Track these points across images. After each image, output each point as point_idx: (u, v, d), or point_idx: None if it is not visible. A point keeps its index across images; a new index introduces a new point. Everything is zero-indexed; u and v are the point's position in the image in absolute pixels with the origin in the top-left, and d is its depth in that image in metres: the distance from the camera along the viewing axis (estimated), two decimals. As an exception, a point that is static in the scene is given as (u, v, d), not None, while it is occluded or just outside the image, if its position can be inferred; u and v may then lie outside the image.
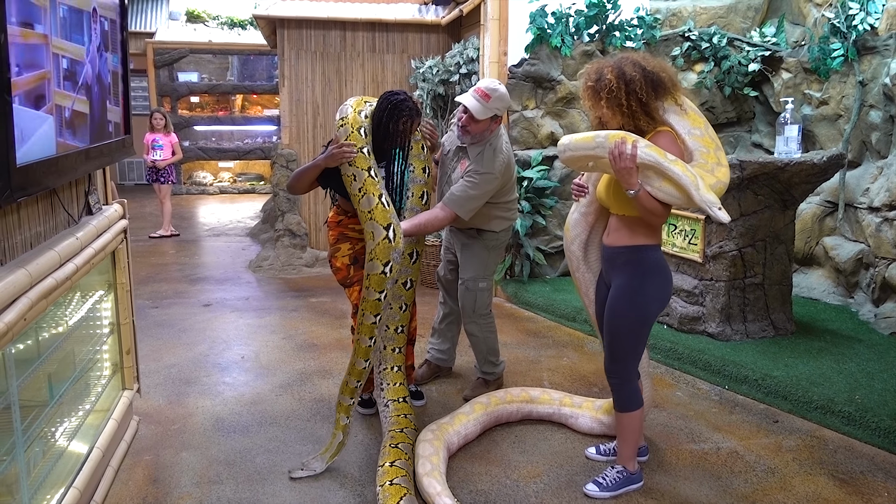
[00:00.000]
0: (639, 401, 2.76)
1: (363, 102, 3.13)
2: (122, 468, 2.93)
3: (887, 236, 4.34)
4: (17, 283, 1.94)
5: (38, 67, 2.02)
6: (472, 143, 3.29)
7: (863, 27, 4.54)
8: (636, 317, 2.65)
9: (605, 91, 2.53)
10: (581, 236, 2.93)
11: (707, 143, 2.60)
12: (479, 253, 3.51)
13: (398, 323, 3.24)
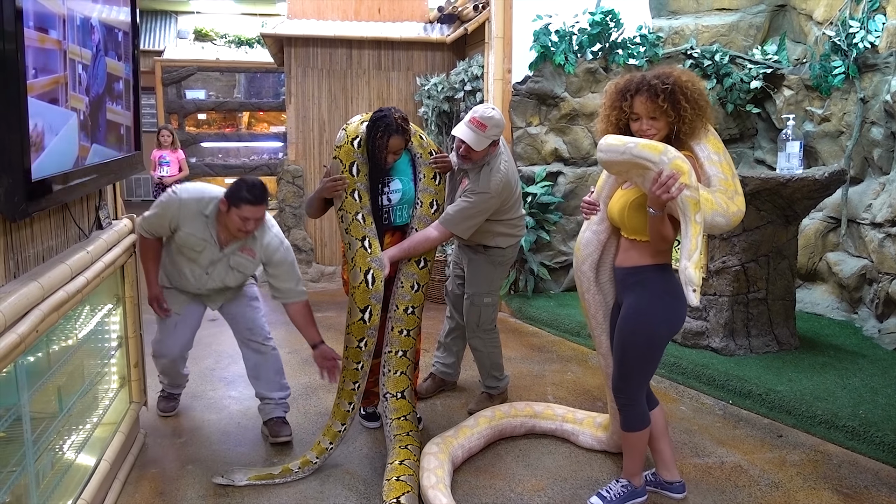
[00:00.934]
0: (645, 421, 2.71)
1: (361, 125, 3.14)
2: (128, 481, 2.95)
3: (890, 252, 4.36)
4: (30, 296, 1.98)
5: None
6: (466, 167, 3.36)
7: (863, 45, 4.58)
8: (643, 337, 2.58)
9: (682, 94, 2.42)
10: (593, 256, 2.81)
11: (725, 169, 2.58)
12: (485, 268, 3.52)
13: (408, 303, 3.20)
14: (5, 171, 1.82)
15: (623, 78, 2.57)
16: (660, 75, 2.47)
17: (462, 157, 3.30)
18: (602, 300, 2.85)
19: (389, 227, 3.21)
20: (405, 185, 3.19)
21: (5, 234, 2.00)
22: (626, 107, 2.49)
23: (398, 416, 3.11)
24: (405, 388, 3.18)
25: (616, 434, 3.11)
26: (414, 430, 3.08)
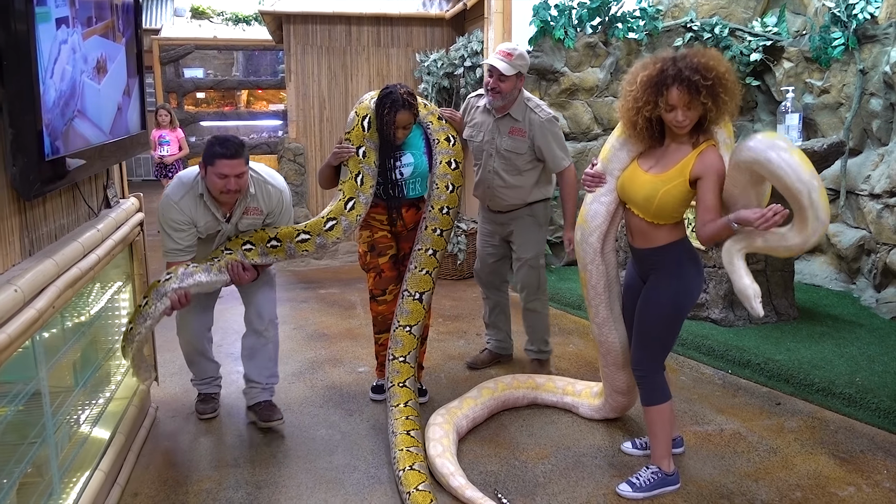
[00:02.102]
0: (665, 394, 2.71)
1: (371, 101, 3.24)
2: (142, 453, 3.02)
3: (888, 222, 4.41)
4: (46, 273, 2.03)
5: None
6: (506, 106, 3.46)
7: (863, 16, 4.59)
8: (672, 311, 2.64)
9: (721, 87, 2.38)
10: (601, 227, 2.81)
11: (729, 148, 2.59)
12: (534, 231, 3.64)
13: (423, 265, 3.28)
14: (20, 151, 1.86)
15: (653, 66, 2.47)
16: (698, 68, 2.38)
17: (492, 91, 3.41)
18: (604, 271, 2.89)
19: (404, 200, 3.28)
20: (417, 159, 3.25)
21: (20, 213, 2.04)
22: (662, 102, 2.43)
23: (400, 381, 3.19)
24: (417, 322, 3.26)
25: (610, 398, 3.16)
26: (413, 400, 3.16)
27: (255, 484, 2.80)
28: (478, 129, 3.59)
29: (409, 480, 2.63)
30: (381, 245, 3.36)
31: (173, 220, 2.94)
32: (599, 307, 2.95)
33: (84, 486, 2.42)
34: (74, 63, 2.17)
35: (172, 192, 2.94)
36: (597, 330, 3.01)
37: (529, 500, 2.66)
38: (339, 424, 3.29)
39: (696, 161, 2.48)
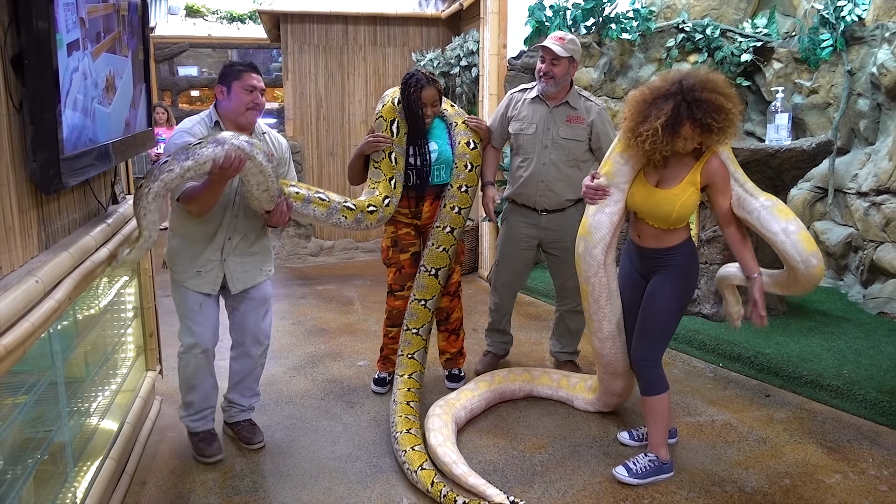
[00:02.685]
0: (664, 385, 2.80)
1: (397, 92, 3.36)
2: (148, 444, 3.09)
3: (875, 220, 4.51)
4: (63, 265, 2.09)
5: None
6: (559, 93, 3.44)
7: (851, 18, 4.69)
8: (677, 306, 2.78)
9: (730, 125, 2.52)
10: (605, 239, 2.86)
11: (728, 149, 2.72)
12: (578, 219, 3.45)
13: (440, 242, 3.37)
14: (41, 147, 1.92)
15: (663, 108, 2.50)
16: (708, 109, 2.46)
17: (545, 76, 3.39)
18: (606, 283, 2.92)
19: (429, 185, 3.37)
20: (441, 146, 3.37)
21: (37, 207, 2.11)
22: (679, 140, 2.53)
23: (409, 353, 3.41)
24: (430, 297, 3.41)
25: (604, 397, 3.26)
26: (418, 373, 3.38)
27: (259, 473, 2.87)
28: (528, 122, 3.49)
29: (405, 441, 2.89)
30: (403, 242, 3.47)
31: (184, 141, 2.61)
32: (602, 322, 2.97)
33: (96, 474, 2.49)
34: (86, 91, 2.21)
35: (182, 125, 2.77)
36: (598, 344, 3.03)
37: (528, 488, 2.74)
38: (341, 416, 3.37)
39: (703, 171, 2.65)
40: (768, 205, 2.60)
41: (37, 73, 1.88)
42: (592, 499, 2.68)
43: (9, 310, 1.70)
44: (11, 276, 1.87)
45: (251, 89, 2.75)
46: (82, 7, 2.15)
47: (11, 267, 1.91)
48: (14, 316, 1.73)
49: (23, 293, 1.79)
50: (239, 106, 2.76)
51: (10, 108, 1.91)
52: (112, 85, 2.50)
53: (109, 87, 2.48)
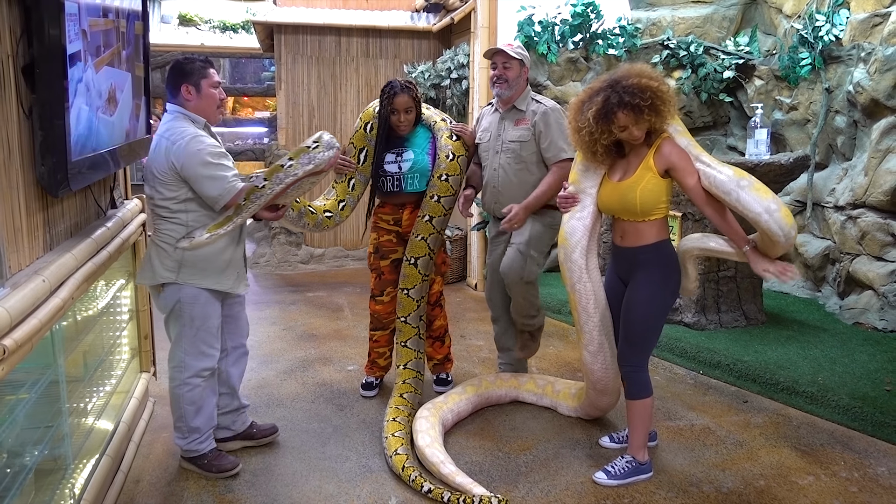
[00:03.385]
0: (648, 389, 2.88)
1: (374, 110, 3.53)
2: (142, 443, 3.16)
3: (851, 233, 4.66)
4: (67, 265, 2.18)
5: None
6: (512, 97, 3.39)
7: (828, 38, 4.86)
8: (657, 307, 2.84)
9: (659, 101, 2.64)
10: (582, 242, 2.95)
11: (689, 136, 2.81)
12: (538, 228, 3.38)
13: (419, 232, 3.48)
14: (49, 152, 2.01)
15: (596, 98, 2.70)
16: (633, 90, 2.63)
17: (498, 80, 3.36)
18: (592, 289, 2.99)
19: (401, 193, 3.49)
20: (417, 156, 3.47)
21: (43, 210, 2.19)
22: (615, 128, 2.69)
23: (402, 341, 3.60)
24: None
25: (587, 404, 3.34)
26: (413, 361, 3.58)
27: (251, 472, 2.94)
28: (486, 130, 3.52)
29: (389, 428, 3.14)
30: (384, 248, 3.59)
31: (212, 144, 2.69)
32: (593, 332, 3.00)
33: (93, 471, 2.56)
34: (91, 101, 2.30)
35: (186, 129, 2.67)
36: (589, 358, 3.07)
37: (512, 487, 2.83)
38: (331, 418, 3.45)
39: (656, 155, 2.74)
40: (745, 184, 2.64)
41: (47, 81, 1.97)
42: (574, 498, 2.77)
43: (18, 307, 1.78)
44: (20, 274, 1.96)
45: (217, 85, 2.76)
46: (84, 19, 2.23)
47: (19, 266, 1.99)
48: (23, 312, 1.81)
49: (31, 291, 1.88)
50: (211, 104, 2.76)
51: (21, 114, 2.00)
52: (114, 98, 2.59)
53: (111, 100, 2.56)
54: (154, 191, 2.71)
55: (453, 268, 6.12)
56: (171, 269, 2.72)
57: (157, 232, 2.74)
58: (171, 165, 2.64)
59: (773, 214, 2.62)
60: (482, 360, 4.29)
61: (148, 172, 2.72)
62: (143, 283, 2.83)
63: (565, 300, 5.11)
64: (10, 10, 1.94)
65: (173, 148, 2.63)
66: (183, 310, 2.76)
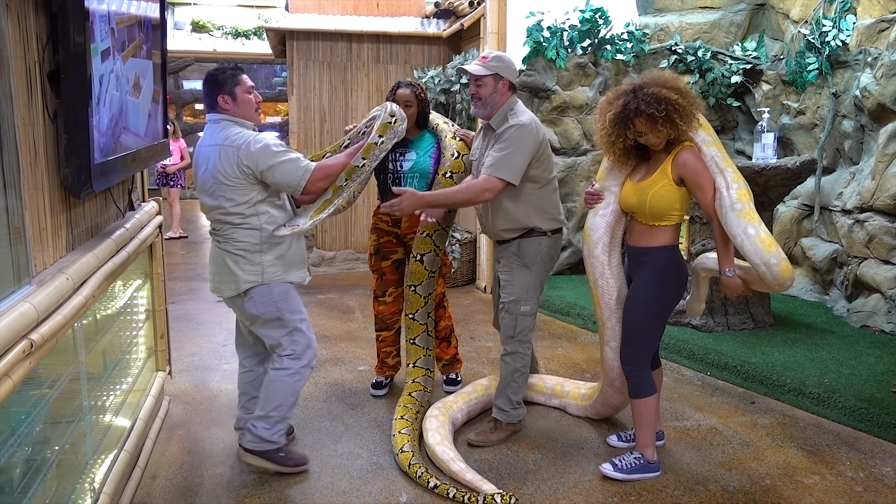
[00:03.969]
0: (651, 388, 2.91)
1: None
2: (158, 440, 3.22)
3: (859, 237, 4.68)
4: (89, 264, 2.25)
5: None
6: (490, 115, 3.14)
7: (835, 43, 4.89)
8: (654, 308, 2.88)
9: (676, 113, 2.67)
10: (603, 238, 3.04)
11: (720, 147, 2.85)
12: (517, 271, 3.19)
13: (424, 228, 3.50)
14: (73, 155, 2.09)
15: (616, 103, 2.78)
16: (650, 99, 2.68)
17: (473, 97, 3.14)
18: (615, 285, 3.07)
19: None
20: (419, 157, 3.54)
21: (66, 211, 2.27)
22: (631, 133, 2.77)
23: (411, 338, 3.64)
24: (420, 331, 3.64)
25: (599, 402, 3.39)
26: (423, 358, 3.63)
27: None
28: (476, 148, 3.31)
29: (397, 426, 3.21)
30: (384, 249, 3.66)
31: (271, 137, 2.77)
32: (616, 328, 3.06)
33: (111, 466, 2.63)
34: (119, 87, 2.42)
35: (243, 132, 2.74)
36: (610, 354, 3.13)
37: (521, 485, 2.88)
38: (343, 417, 3.51)
39: (673, 163, 2.79)
40: (738, 207, 2.70)
41: (72, 86, 2.05)
42: (582, 495, 2.81)
43: (44, 303, 1.85)
44: (45, 272, 2.03)
45: (251, 90, 2.83)
46: (113, 18, 2.32)
47: (44, 265, 2.06)
48: (49, 309, 1.88)
49: (56, 289, 1.95)
50: (249, 108, 2.83)
51: (46, 118, 2.07)
52: (138, 84, 2.73)
53: (136, 86, 2.70)
54: (223, 200, 2.72)
55: (463, 270, 6.18)
56: (255, 273, 2.77)
57: (229, 242, 2.77)
58: (243, 169, 2.69)
59: (750, 238, 2.68)
60: (491, 360, 4.34)
61: (210, 184, 2.73)
62: (226, 294, 2.83)
63: (574, 302, 5.16)
64: (37, 17, 2.02)
65: (241, 152, 2.68)
66: (280, 306, 2.83)
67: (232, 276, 2.77)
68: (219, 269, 2.82)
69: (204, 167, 2.75)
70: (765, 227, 2.71)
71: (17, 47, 1.91)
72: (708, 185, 2.78)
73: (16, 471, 2.04)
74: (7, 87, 1.78)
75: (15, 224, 1.83)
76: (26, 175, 1.92)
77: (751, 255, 2.69)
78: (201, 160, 2.77)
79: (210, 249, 2.92)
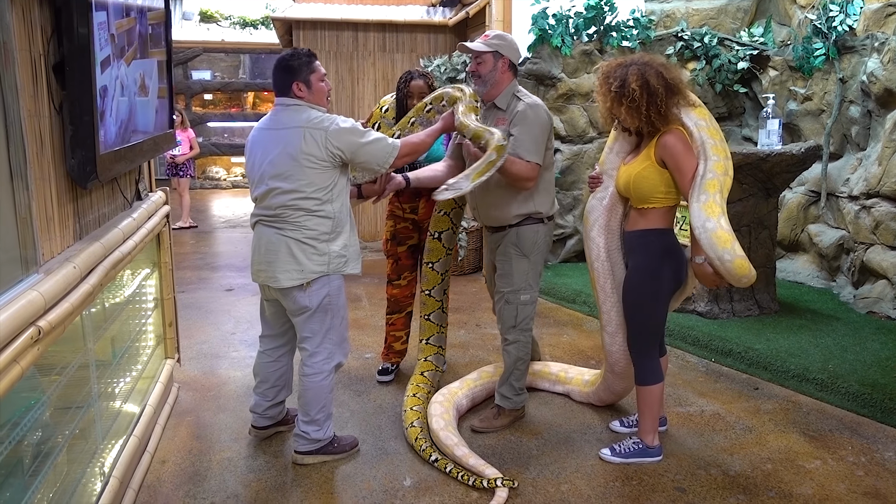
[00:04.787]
0: (657, 376, 2.93)
1: (391, 97, 3.71)
2: (167, 426, 3.28)
3: (865, 223, 4.67)
4: (95, 254, 2.29)
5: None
6: (492, 93, 3.11)
7: (842, 28, 4.86)
8: (649, 294, 2.88)
9: (627, 99, 2.72)
10: (600, 220, 3.06)
11: (713, 133, 2.82)
12: (516, 260, 3.18)
13: (441, 207, 3.57)
14: (79, 146, 2.12)
15: (614, 70, 2.84)
16: (613, 77, 2.77)
17: (472, 74, 3.11)
18: (610, 269, 3.09)
19: None
20: (433, 145, 3.49)
21: (73, 201, 2.31)
22: (608, 101, 2.82)
23: (426, 314, 3.75)
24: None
25: (602, 388, 3.41)
26: (435, 335, 3.76)
27: (272, 453, 3.05)
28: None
29: (408, 402, 3.34)
30: (401, 235, 3.75)
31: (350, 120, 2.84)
32: (611, 312, 3.09)
33: (121, 451, 2.68)
34: (127, 90, 2.46)
35: (326, 115, 2.77)
36: (608, 339, 3.17)
37: (523, 469, 2.92)
38: (349, 403, 3.55)
39: (657, 145, 2.79)
40: (702, 199, 2.70)
41: (77, 79, 2.08)
42: (584, 480, 2.85)
43: (52, 291, 1.89)
44: (52, 261, 2.07)
45: (323, 77, 2.83)
46: (112, 25, 2.35)
47: (51, 254, 2.11)
48: (56, 297, 1.92)
49: (63, 277, 1.99)
50: (322, 96, 2.82)
51: (52, 110, 2.11)
52: (144, 85, 2.74)
53: (142, 86, 2.71)
54: (303, 184, 2.68)
55: (469, 258, 6.20)
56: (321, 263, 2.75)
57: (299, 229, 2.73)
58: (331, 151, 2.68)
59: (707, 232, 2.70)
60: (496, 347, 4.36)
61: (288, 167, 2.68)
62: (285, 284, 2.75)
63: (579, 290, 5.18)
64: (42, 10, 2.05)
65: (329, 133, 2.68)
66: (332, 301, 2.82)
67: (296, 265, 2.72)
68: (277, 257, 2.73)
69: (279, 150, 2.69)
70: (725, 221, 2.68)
71: (23, 40, 1.94)
72: (688, 170, 2.75)
73: (26, 455, 2.09)
74: (13, 79, 1.82)
75: (22, 214, 1.87)
76: (33, 166, 1.96)
77: (706, 249, 2.70)
78: (270, 144, 2.72)
79: (259, 238, 2.83)
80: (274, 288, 2.81)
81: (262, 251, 2.80)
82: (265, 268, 2.79)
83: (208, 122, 12.60)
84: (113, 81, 2.36)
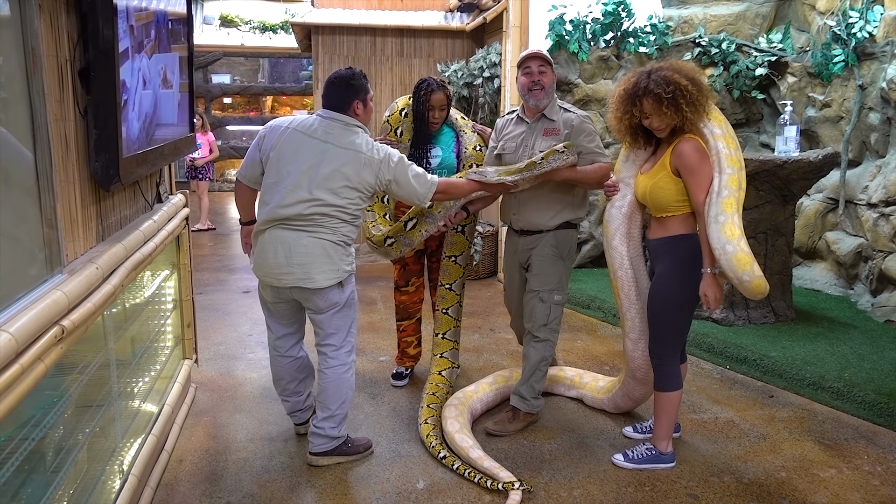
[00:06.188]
0: (677, 383, 2.92)
1: (408, 100, 3.67)
2: (185, 426, 3.32)
3: (884, 230, 4.64)
4: (117, 255, 2.34)
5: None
6: (546, 104, 3.22)
7: (862, 34, 4.84)
8: (675, 300, 2.87)
9: (682, 98, 2.68)
10: (620, 229, 3.08)
11: (729, 142, 2.82)
12: (552, 262, 3.25)
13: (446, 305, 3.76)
14: (103, 149, 2.17)
15: (629, 81, 2.83)
16: (660, 81, 2.72)
17: (534, 86, 3.17)
18: (633, 276, 3.10)
19: None
20: (445, 154, 3.63)
21: (96, 203, 2.36)
22: (637, 111, 2.79)
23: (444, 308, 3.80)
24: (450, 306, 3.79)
25: (620, 394, 3.41)
26: (451, 330, 3.81)
27: (287, 454, 3.09)
28: (511, 140, 3.30)
29: (426, 400, 3.42)
30: None
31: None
32: (635, 319, 3.09)
33: (139, 449, 2.72)
34: (151, 81, 2.51)
35: (376, 143, 2.92)
36: (630, 346, 3.16)
37: (536, 473, 2.93)
38: (363, 406, 3.58)
39: (672, 154, 2.79)
40: (721, 220, 2.68)
41: (101, 83, 2.13)
42: (597, 485, 2.85)
43: (75, 291, 1.94)
44: (75, 262, 2.12)
45: (371, 98, 2.96)
46: (132, 16, 2.39)
47: (75, 255, 2.15)
48: (79, 297, 1.96)
49: (86, 278, 2.03)
50: (370, 117, 2.98)
51: (77, 114, 2.16)
52: (167, 78, 2.83)
53: (165, 80, 2.81)
54: (347, 201, 2.80)
55: (484, 263, 6.22)
56: (349, 264, 2.92)
57: (335, 233, 2.82)
58: (381, 180, 2.86)
59: (727, 255, 2.69)
60: (510, 352, 4.38)
61: (339, 184, 2.77)
62: (322, 284, 2.82)
63: (594, 296, 5.18)
64: (69, 16, 2.10)
65: (383, 165, 2.84)
66: (352, 298, 3.00)
67: (332, 265, 2.83)
68: (313, 259, 2.80)
69: (332, 168, 2.77)
70: (745, 243, 2.69)
71: (50, 46, 1.99)
72: (702, 181, 2.75)
73: (48, 451, 2.13)
74: (40, 84, 1.86)
75: (48, 215, 1.91)
76: (58, 168, 2.00)
77: (726, 270, 2.71)
78: (317, 154, 2.79)
79: (280, 242, 2.82)
80: (303, 288, 2.85)
81: (288, 254, 2.81)
82: (295, 270, 2.82)
83: (227, 125, 12.72)
84: (135, 73, 2.40)
